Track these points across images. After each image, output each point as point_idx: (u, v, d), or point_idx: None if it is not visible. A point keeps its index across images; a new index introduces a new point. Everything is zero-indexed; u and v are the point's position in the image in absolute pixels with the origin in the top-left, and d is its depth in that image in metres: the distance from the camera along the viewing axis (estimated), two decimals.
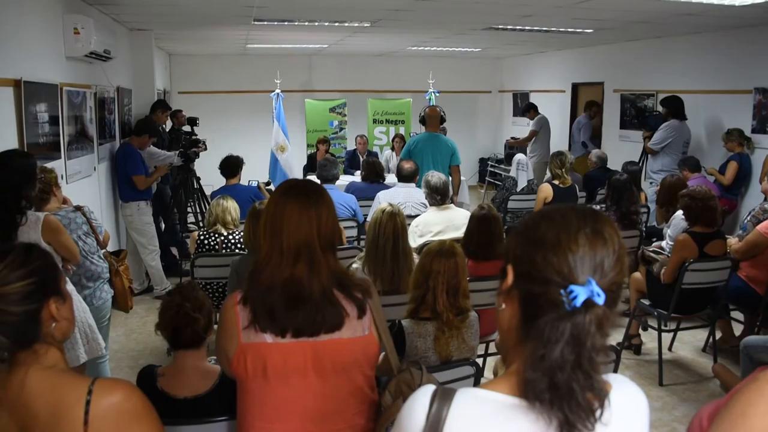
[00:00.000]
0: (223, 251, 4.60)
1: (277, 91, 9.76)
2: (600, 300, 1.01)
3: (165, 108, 7.82)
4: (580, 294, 1.00)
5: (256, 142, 10.83)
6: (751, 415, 1.04)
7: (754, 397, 1.06)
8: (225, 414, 2.27)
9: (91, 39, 5.18)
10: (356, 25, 7.57)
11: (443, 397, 1.10)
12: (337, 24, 7.48)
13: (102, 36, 5.50)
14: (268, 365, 1.82)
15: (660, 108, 7.92)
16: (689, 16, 6.36)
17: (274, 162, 9.73)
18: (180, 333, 2.44)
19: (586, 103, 10.05)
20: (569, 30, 7.97)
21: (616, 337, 5.32)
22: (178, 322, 2.44)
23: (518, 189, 8.56)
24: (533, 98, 11.64)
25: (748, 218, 5.70)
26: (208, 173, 7.93)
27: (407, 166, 5.71)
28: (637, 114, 9.14)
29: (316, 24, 7.40)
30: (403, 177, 5.68)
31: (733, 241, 5.01)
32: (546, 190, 6.37)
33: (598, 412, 1.03)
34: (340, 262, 1.98)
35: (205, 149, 7.59)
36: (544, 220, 1.11)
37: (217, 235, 4.63)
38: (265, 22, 7.21)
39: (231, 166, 5.93)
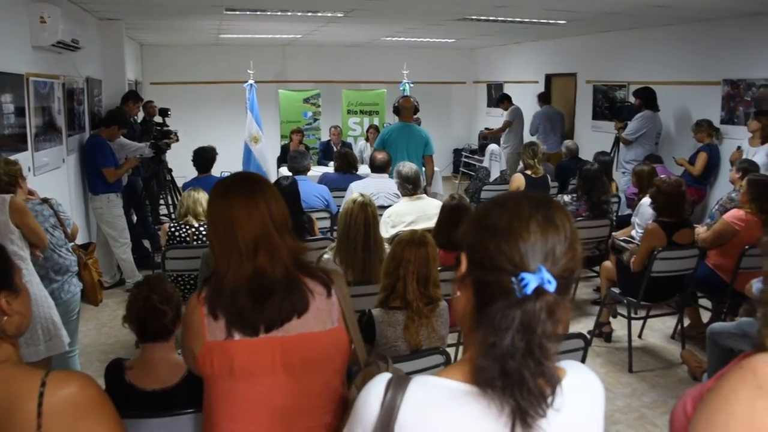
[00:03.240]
0: (195, 243, 4.56)
1: (251, 81, 9.68)
2: (551, 287, 1.01)
3: (136, 99, 7.73)
4: (531, 281, 1.00)
5: (229, 133, 10.73)
6: (733, 401, 1.05)
7: (737, 384, 1.07)
8: (193, 406, 2.25)
9: (58, 28, 5.09)
10: (329, 15, 7.53)
11: (397, 385, 1.11)
12: (309, 14, 7.44)
13: (70, 25, 5.40)
14: (235, 364, 1.79)
15: (632, 99, 8.00)
16: (660, 8, 6.42)
17: (248, 153, 9.68)
18: (148, 325, 2.42)
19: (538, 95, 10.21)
20: (542, 21, 8.00)
21: (587, 325, 5.39)
22: (146, 314, 2.42)
23: (491, 179, 8.60)
24: (507, 89, 11.69)
25: (716, 207, 5.80)
26: (180, 165, 7.85)
27: (380, 156, 5.71)
28: (610, 105, 9.23)
29: (289, 14, 7.35)
30: (376, 167, 5.67)
31: (701, 229, 5.08)
32: (518, 180, 6.42)
33: (549, 399, 1.04)
34: (311, 251, 1.95)
35: (177, 140, 7.51)
36: (496, 207, 1.11)
37: (188, 227, 4.60)
38: (237, 12, 7.14)
39: (204, 158, 5.87)
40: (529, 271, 1.02)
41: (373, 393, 1.13)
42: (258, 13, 7.24)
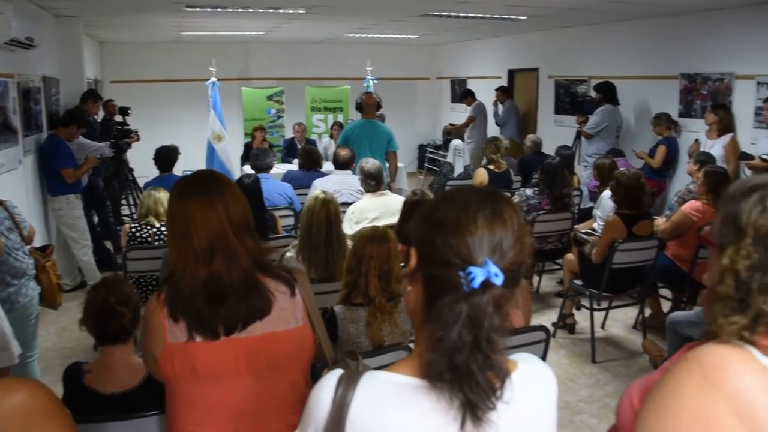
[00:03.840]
0: (156, 243, 4.50)
1: (213, 79, 9.57)
2: (498, 281, 1.02)
3: (96, 98, 7.58)
4: (478, 275, 1.01)
5: (192, 132, 10.60)
6: (680, 394, 1.06)
7: (684, 377, 1.08)
8: (155, 409, 2.23)
9: (10, 25, 4.96)
10: (291, 11, 7.48)
11: (349, 381, 1.11)
12: (271, 11, 7.38)
13: (24, 23, 5.28)
14: (197, 366, 1.76)
15: (593, 93, 8.11)
16: (619, 3, 6.51)
17: (211, 151, 9.56)
18: (106, 328, 2.38)
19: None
20: (504, 17, 8.06)
21: (551, 317, 5.46)
22: (104, 316, 2.37)
23: (455, 175, 8.64)
24: (470, 84, 11.77)
25: (675, 199, 5.91)
26: (142, 164, 7.73)
27: (343, 153, 5.70)
28: (571, 99, 9.34)
29: (250, 10, 7.28)
30: (340, 164, 5.66)
31: (660, 221, 5.18)
32: (481, 175, 6.46)
33: (499, 392, 1.05)
34: (274, 249, 1.93)
35: (138, 140, 7.41)
36: (444, 202, 1.12)
37: (149, 227, 4.54)
38: (198, 9, 7.06)
39: (166, 157, 5.80)
40: (476, 265, 1.02)
41: (325, 390, 1.13)
42: (219, 9, 7.17)
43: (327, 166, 7.13)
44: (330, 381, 1.13)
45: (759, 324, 1.08)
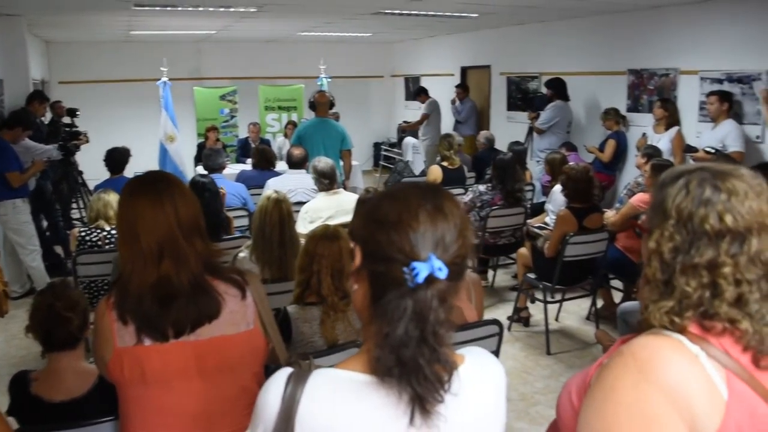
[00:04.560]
0: (107, 247, 4.42)
1: (164, 79, 9.42)
2: (442, 275, 1.03)
3: (42, 99, 7.40)
4: (422, 270, 1.02)
5: (143, 133, 10.41)
6: (618, 388, 1.09)
7: (620, 371, 1.11)
8: (106, 416, 2.18)
9: None
10: (242, 10, 7.41)
11: (298, 379, 1.11)
12: (222, 9, 7.30)
13: None
14: (146, 369, 1.75)
15: (544, 89, 8.23)
16: (568, 0, 6.62)
17: (164, 153, 9.41)
18: (52, 334, 2.33)
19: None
20: (456, 15, 8.12)
21: (506, 311, 5.53)
22: (50, 322, 2.32)
23: (417, 173, 8.66)
24: (424, 82, 11.83)
25: (625, 192, 6.05)
26: (92, 166, 7.57)
27: (297, 152, 5.68)
28: (523, 96, 9.46)
29: (201, 9, 7.19)
30: (293, 164, 5.64)
31: (610, 213, 5.29)
32: (435, 172, 6.51)
33: (447, 385, 1.06)
34: (228, 251, 1.92)
35: (87, 141, 7.24)
36: (386, 199, 1.13)
37: (99, 231, 4.45)
38: (147, 7, 6.93)
39: (116, 159, 5.69)
40: (419, 260, 1.03)
41: (273, 389, 1.13)
42: (169, 8, 7.05)
43: (282, 165, 7.09)
44: (279, 380, 1.13)
45: (685, 308, 1.12)
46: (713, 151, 5.67)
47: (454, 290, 1.08)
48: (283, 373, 1.14)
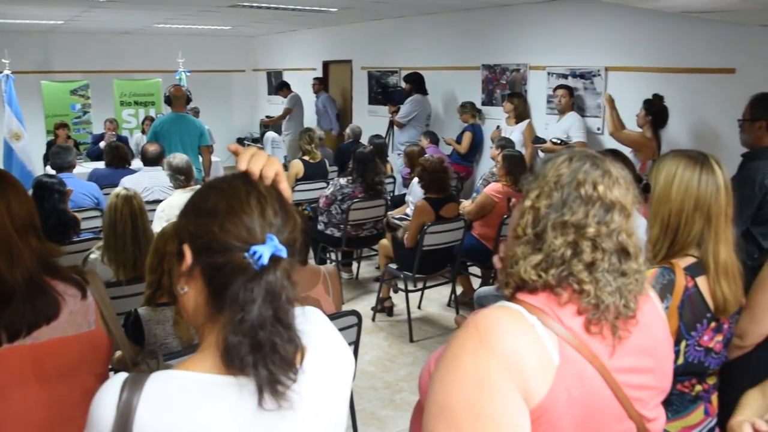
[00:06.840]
0: None
1: (7, 72, 8.79)
2: (284, 254, 1.05)
3: None
4: (264, 252, 1.03)
5: None
6: (462, 356, 1.16)
7: (464, 341, 1.18)
8: None
9: None
10: None
11: (134, 384, 1.06)
12: None
13: None
14: None
15: (403, 84, 8.42)
16: None
17: (9, 151, 8.81)
18: None
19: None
20: (315, 9, 8.12)
21: (370, 302, 5.62)
22: None
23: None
24: (286, 76, 11.74)
25: (481, 182, 6.31)
26: None
27: (152, 148, 5.47)
28: (383, 90, 9.63)
29: None
30: (149, 160, 5.44)
31: (466, 203, 5.50)
32: (297, 166, 6.51)
33: (298, 364, 1.09)
34: (63, 251, 1.84)
35: None
36: (212, 192, 1.13)
37: None
38: None
39: None
40: (258, 244, 1.05)
41: (107, 396, 1.06)
42: None
43: (138, 163, 6.79)
44: (113, 386, 1.07)
45: (550, 264, 1.21)
46: (559, 141, 6.04)
47: (294, 268, 1.10)
48: (117, 379, 1.08)
